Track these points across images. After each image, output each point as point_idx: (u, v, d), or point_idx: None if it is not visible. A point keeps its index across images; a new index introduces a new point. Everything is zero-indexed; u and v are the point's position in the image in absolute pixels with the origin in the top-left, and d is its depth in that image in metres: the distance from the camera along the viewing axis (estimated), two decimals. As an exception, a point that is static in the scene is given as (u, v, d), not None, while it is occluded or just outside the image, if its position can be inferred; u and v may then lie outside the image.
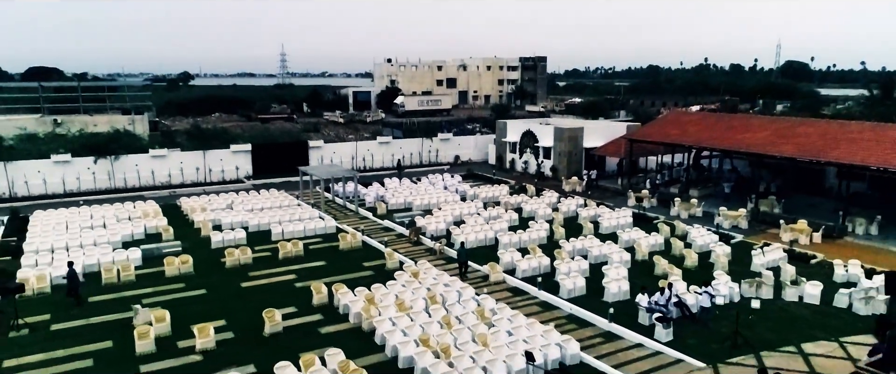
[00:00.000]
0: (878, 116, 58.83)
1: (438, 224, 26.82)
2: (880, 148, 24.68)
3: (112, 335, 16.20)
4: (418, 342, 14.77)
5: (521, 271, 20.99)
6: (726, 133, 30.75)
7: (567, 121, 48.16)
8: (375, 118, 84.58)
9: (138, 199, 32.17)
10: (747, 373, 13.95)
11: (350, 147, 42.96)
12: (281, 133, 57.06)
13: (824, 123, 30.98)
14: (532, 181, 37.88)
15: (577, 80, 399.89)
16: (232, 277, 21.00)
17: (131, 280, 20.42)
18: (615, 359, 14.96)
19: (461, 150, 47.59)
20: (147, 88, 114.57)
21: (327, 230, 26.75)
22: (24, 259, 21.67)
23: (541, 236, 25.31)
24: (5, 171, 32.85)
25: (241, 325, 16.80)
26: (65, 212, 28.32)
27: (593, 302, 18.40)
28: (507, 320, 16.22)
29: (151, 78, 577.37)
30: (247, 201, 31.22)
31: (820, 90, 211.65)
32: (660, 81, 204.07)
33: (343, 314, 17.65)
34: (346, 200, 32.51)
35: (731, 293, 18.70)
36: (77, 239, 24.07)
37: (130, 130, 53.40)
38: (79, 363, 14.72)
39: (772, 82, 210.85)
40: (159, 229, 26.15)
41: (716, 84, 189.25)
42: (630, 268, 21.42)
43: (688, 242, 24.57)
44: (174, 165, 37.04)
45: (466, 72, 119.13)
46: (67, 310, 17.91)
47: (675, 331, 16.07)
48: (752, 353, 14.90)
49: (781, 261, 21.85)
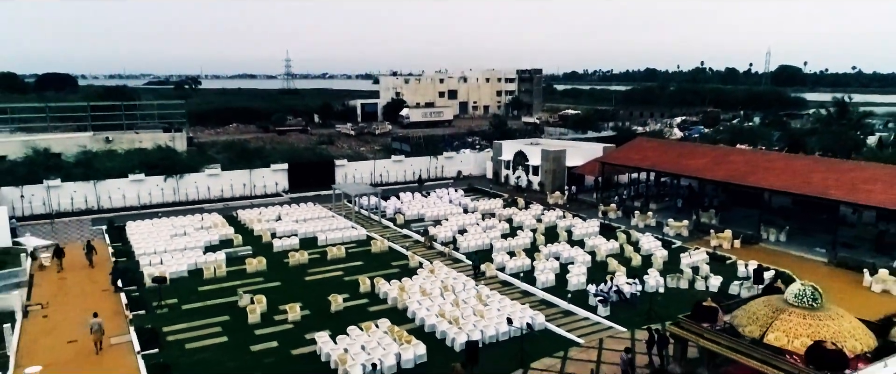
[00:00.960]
0: (832, 134, 66.41)
1: (446, 232, 34.31)
2: (786, 175, 32.19)
3: (227, 312, 23.68)
4: (437, 315, 22.26)
5: (509, 268, 28.45)
6: (676, 159, 38.25)
7: (553, 142, 55.37)
8: (383, 130, 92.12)
9: (199, 211, 39.66)
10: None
11: (369, 165, 50.45)
12: (305, 149, 64.15)
13: (750, 153, 38.53)
14: (522, 195, 45.33)
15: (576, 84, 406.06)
16: (296, 273, 28.47)
17: (224, 276, 27.89)
18: (569, 327, 22.44)
19: (463, 165, 55.01)
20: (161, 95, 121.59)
21: (359, 238, 34.24)
22: (141, 260, 29.15)
23: (525, 242, 32.79)
24: (94, 188, 40.32)
25: (313, 306, 24.23)
26: (149, 222, 35.80)
27: (559, 290, 25.88)
28: (497, 301, 23.73)
29: (154, 79, 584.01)
30: (291, 212, 38.68)
31: (807, 96, 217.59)
32: (653, 90, 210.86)
33: (382, 298, 25.13)
34: (370, 211, 39.98)
35: (657, 284, 26.19)
36: (171, 244, 31.54)
37: (171, 145, 60.96)
38: (212, 330, 22.19)
39: (759, 91, 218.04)
40: (230, 237, 33.65)
41: (705, 92, 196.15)
42: (589, 267, 28.88)
43: (638, 247, 32.06)
44: (226, 181, 44.52)
45: (467, 84, 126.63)
46: (188, 295, 25.40)
47: (611, 309, 23.56)
48: (659, 323, 22.36)
49: (703, 261, 29.32)
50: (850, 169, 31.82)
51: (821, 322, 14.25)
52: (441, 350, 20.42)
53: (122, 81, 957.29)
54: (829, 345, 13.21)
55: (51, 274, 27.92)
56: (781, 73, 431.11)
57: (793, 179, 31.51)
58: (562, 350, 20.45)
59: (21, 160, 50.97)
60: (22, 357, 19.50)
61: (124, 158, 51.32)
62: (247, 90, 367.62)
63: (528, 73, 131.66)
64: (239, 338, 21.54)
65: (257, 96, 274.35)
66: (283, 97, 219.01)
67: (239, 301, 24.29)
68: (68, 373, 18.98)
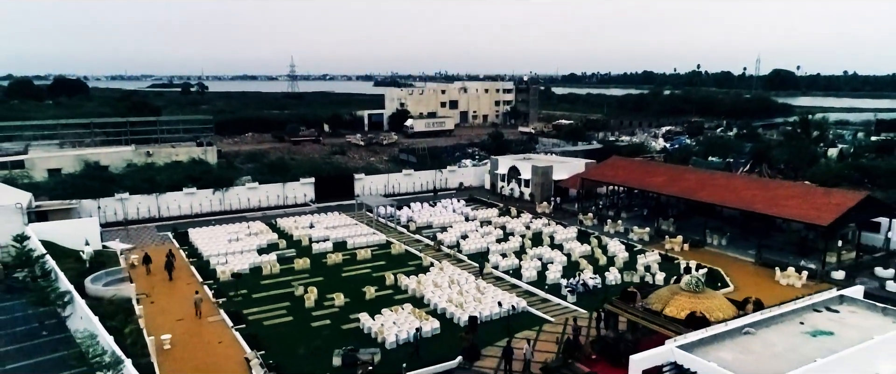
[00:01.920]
0: (793, 147, 73.99)
1: (451, 238, 41.98)
2: (724, 191, 39.89)
3: (287, 300, 31.36)
4: (447, 301, 29.95)
5: (501, 267, 36.13)
6: (641, 176, 45.95)
7: (542, 157, 62.89)
8: (390, 141, 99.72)
9: (242, 219, 47.34)
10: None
11: (383, 178, 58.15)
12: (325, 163, 71.71)
13: (701, 172, 46.22)
14: (515, 204, 53.02)
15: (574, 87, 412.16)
16: (334, 271, 36.16)
17: (278, 272, 35.57)
18: (545, 310, 30.14)
19: (464, 177, 62.70)
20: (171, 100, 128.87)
21: (380, 242, 41.90)
22: (211, 260, 36.83)
23: (515, 246, 40.47)
24: (156, 200, 48.04)
25: (351, 295, 31.86)
26: (207, 229, 43.48)
27: (540, 284, 33.57)
28: (491, 291, 31.44)
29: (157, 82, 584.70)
30: (321, 221, 46.36)
31: (799, 101, 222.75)
32: (646, 97, 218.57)
33: (404, 289, 32.80)
34: (386, 219, 47.66)
35: (616, 279, 33.87)
36: (230, 247, 39.20)
37: (203, 158, 68.72)
38: (280, 312, 29.87)
39: (748, 98, 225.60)
40: (275, 241, 41.34)
41: (696, 100, 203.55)
42: (564, 265, 36.57)
43: (606, 249, 39.74)
44: (262, 193, 52.22)
45: (467, 94, 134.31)
46: (254, 287, 33.05)
47: (578, 298, 31.25)
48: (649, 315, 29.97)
49: (655, 262, 36.99)
50: (776, 187, 39.56)
51: (699, 301, 21.94)
52: (449, 326, 28.08)
53: (124, 82, 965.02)
54: (698, 314, 20.92)
55: (141, 272, 35.58)
56: (775, 77, 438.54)
57: (729, 194, 39.23)
58: (538, 325, 28.17)
59: (78, 173, 58.82)
60: (149, 330, 27.17)
61: (167, 171, 59.16)
62: (252, 94, 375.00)
63: (524, 83, 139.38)
64: (300, 317, 29.21)
65: (263, 101, 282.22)
66: (288, 102, 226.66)
67: (295, 291, 31.99)
68: (187, 339, 26.68)
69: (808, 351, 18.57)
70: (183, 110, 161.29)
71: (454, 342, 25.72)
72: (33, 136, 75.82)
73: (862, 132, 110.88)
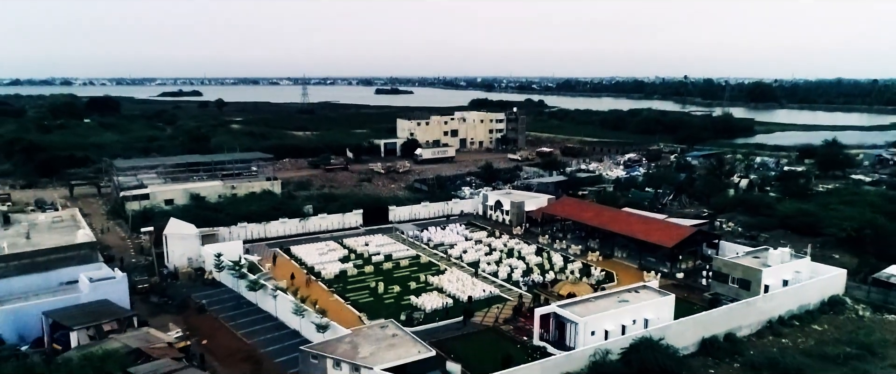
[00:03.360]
0: (706, 181, 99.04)
1: (456, 252, 67.15)
2: (624, 224, 65.09)
3: (366, 290, 56.59)
4: (456, 289, 55.27)
5: (486, 270, 61.33)
6: (578, 212, 71.20)
7: (518, 193, 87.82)
8: (405, 169, 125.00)
9: (317, 240, 72.37)
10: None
11: (408, 209, 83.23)
12: (365, 196, 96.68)
13: (612, 210, 71.38)
14: (499, 227, 78.14)
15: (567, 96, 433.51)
16: (388, 273, 61.29)
17: (356, 274, 60.74)
18: (508, 293, 55.44)
19: (464, 206, 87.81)
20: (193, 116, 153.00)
21: (412, 255, 67.02)
22: (315, 266, 61.97)
23: (496, 257, 65.67)
24: (263, 227, 73.14)
25: (401, 287, 56.94)
26: (302, 247, 68.57)
27: (508, 280, 58.79)
28: (480, 284, 56.81)
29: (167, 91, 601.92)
30: (372, 241, 71.45)
31: (766, 119, 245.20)
32: (624, 117, 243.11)
33: (431, 284, 58.00)
34: (413, 239, 72.75)
35: (551, 277, 59.09)
36: (322, 259, 64.25)
37: (271, 190, 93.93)
38: (364, 295, 55.11)
39: (716, 118, 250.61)
40: (347, 255, 66.47)
41: (667, 121, 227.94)
42: (524, 269, 61.72)
43: (551, 260, 64.91)
44: (328, 220, 77.31)
45: (465, 123, 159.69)
46: (346, 282, 58.20)
47: (529, 288, 56.51)
48: (549, 298, 55.25)
49: (578, 267, 62.18)
50: (651, 220, 64.96)
51: (575, 286, 47.24)
52: (458, 302, 53.19)
53: (129, 87, 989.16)
54: (571, 293, 46.24)
55: (270, 270, 60.56)
56: (755, 89, 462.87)
57: (624, 225, 64.53)
58: (504, 302, 53.39)
59: (190, 206, 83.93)
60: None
61: (248, 202, 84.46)
62: (265, 107, 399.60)
63: (513, 114, 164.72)
64: (376, 298, 54.41)
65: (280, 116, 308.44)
66: (304, 121, 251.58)
67: (370, 285, 57.18)
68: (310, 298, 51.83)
69: (611, 307, 43.82)
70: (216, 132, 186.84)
71: (459, 310, 50.90)
72: (144, 168, 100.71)
73: (785, 159, 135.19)
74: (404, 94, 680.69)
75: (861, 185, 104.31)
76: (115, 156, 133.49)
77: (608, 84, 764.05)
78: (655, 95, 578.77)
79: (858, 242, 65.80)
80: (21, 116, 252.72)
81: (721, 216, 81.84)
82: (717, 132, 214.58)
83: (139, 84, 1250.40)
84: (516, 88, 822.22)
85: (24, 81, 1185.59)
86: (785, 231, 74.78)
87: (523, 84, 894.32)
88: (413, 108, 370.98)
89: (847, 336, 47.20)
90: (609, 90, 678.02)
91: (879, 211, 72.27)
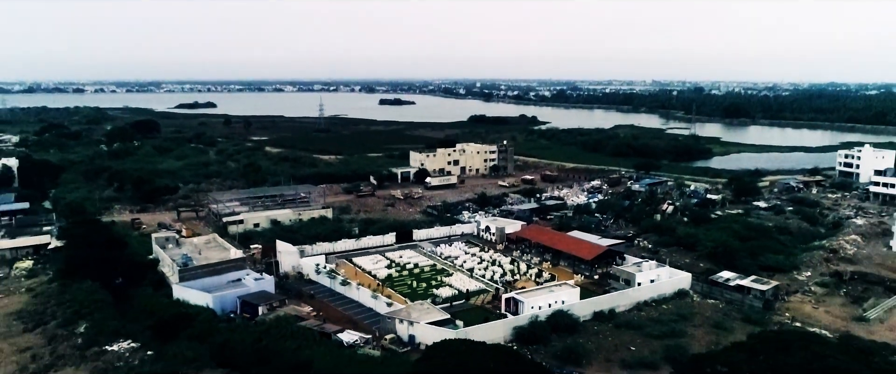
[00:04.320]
0: (637, 208, 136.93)
1: (460, 263, 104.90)
2: (565, 243, 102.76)
3: (408, 287, 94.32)
4: (460, 284, 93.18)
5: (476, 273, 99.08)
6: (539, 235, 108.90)
7: (501, 220, 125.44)
8: (418, 195, 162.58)
9: (367, 253, 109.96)
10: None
11: (425, 231, 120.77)
12: (394, 220, 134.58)
13: (562, 234, 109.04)
14: (488, 244, 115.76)
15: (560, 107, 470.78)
16: (418, 276, 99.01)
17: (403, 276, 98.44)
18: (490, 288, 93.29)
19: (463, 228, 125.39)
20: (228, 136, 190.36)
21: (432, 264, 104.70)
22: (373, 272, 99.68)
23: (484, 265, 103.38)
24: (331, 244, 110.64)
25: (428, 284, 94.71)
26: (359, 258, 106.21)
27: (490, 279, 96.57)
28: (474, 282, 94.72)
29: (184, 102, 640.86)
30: (404, 254, 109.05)
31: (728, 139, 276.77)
32: (602, 140, 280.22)
33: (443, 282, 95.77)
34: (430, 253, 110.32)
35: (519, 279, 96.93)
36: (375, 266, 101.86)
37: (326, 215, 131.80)
38: (406, 289, 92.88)
39: (679, 141, 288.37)
40: (390, 263, 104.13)
41: (638, 145, 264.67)
42: (501, 273, 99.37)
43: (519, 267, 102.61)
44: (375, 240, 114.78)
45: (465, 154, 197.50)
46: (396, 281, 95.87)
47: (504, 285, 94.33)
48: (512, 290, 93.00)
49: (535, 272, 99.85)
50: (582, 241, 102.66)
51: (526, 283, 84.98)
52: (461, 293, 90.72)
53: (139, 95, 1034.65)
54: (523, 286, 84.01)
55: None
56: (730, 106, 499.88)
57: (564, 245, 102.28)
58: (487, 291, 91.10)
59: (274, 229, 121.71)
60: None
61: (313, 225, 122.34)
62: (284, 124, 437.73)
63: (503, 147, 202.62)
64: (412, 290, 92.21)
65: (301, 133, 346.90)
66: (325, 143, 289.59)
67: (407, 282, 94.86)
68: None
69: (544, 293, 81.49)
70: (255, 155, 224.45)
71: (462, 296, 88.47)
72: (230, 198, 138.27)
73: (710, 187, 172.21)
74: (407, 104, 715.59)
75: (757, 211, 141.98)
76: (187, 182, 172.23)
77: (600, 95, 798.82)
78: (642, 108, 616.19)
79: (716, 255, 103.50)
80: (78, 138, 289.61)
81: (640, 237, 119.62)
82: (678, 155, 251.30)
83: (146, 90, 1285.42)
84: (514, 97, 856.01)
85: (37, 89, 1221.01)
86: (678, 248, 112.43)
87: (521, 92, 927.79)
88: (417, 124, 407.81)
89: (678, 312, 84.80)
90: (601, 102, 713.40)
91: (735, 235, 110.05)
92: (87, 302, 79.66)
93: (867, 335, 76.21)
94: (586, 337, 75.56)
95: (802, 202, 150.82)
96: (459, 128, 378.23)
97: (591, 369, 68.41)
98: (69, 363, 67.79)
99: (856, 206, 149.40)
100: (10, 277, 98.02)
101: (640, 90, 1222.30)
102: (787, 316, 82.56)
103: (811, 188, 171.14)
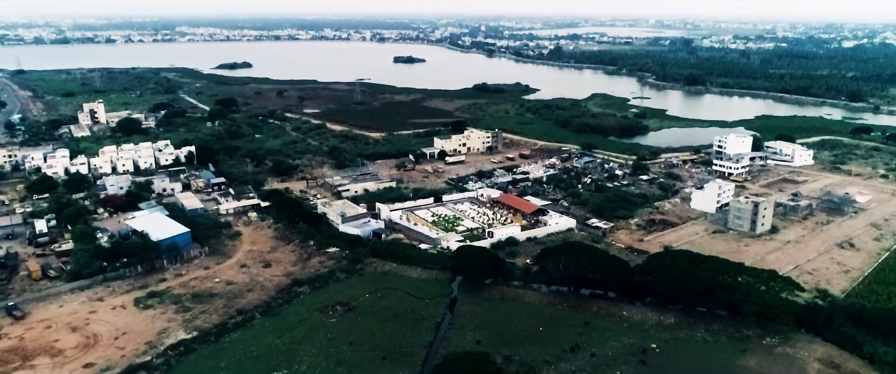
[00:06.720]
0: (566, 180, 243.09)
1: (468, 214, 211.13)
2: (520, 205, 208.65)
3: (443, 226, 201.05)
4: (466, 228, 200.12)
5: (477, 221, 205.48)
6: (508, 199, 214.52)
7: (488, 190, 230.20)
8: (442, 170, 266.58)
9: (421, 209, 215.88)
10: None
11: (449, 195, 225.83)
12: (432, 188, 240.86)
13: (519, 198, 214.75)
14: (484, 205, 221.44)
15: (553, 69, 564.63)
16: (449, 220, 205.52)
17: (439, 221, 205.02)
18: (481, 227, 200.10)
19: (470, 194, 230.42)
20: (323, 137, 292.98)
21: (453, 215, 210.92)
22: (429, 219, 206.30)
23: (480, 216, 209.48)
24: (404, 204, 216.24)
25: (452, 225, 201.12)
26: (418, 212, 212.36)
27: (483, 224, 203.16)
28: (474, 224, 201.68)
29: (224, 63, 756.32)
30: (440, 209, 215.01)
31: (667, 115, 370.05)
32: (569, 119, 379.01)
33: (461, 224, 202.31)
34: (453, 210, 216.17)
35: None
36: (427, 215, 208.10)
37: (393, 186, 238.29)
38: (445, 228, 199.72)
39: (625, 121, 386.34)
40: (433, 215, 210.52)
41: (594, 124, 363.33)
42: (487, 221, 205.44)
43: (499, 217, 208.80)
44: (422, 201, 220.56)
45: (470, 138, 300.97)
46: (438, 224, 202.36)
47: (487, 226, 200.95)
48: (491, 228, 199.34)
49: (508, 221, 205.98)
50: (529, 202, 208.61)
51: (501, 227, 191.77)
52: (469, 229, 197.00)
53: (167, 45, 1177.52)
54: (497, 227, 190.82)
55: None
56: (689, 75, 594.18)
57: (519, 205, 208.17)
58: (479, 229, 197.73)
59: (368, 194, 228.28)
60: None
61: (388, 192, 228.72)
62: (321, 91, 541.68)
63: (495, 133, 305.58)
64: (446, 229, 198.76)
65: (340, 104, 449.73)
66: (357, 110, 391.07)
67: (445, 224, 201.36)
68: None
69: (505, 230, 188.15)
70: (323, 136, 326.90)
71: (469, 233, 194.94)
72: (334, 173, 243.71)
73: (618, 163, 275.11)
74: (419, 63, 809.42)
75: (639, 182, 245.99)
76: (293, 159, 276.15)
77: (590, 54, 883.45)
78: (624, 70, 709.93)
79: (595, 211, 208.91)
80: (183, 115, 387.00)
81: (561, 200, 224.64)
82: (622, 132, 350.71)
83: (169, 40, 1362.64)
84: (513, 53, 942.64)
85: (71, 40, 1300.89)
86: (580, 206, 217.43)
87: (522, 44, 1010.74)
88: (431, 92, 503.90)
89: (564, 237, 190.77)
90: (591, 61, 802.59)
91: (606, 200, 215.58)
92: (303, 230, 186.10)
93: (643, 247, 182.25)
94: (521, 248, 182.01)
95: (671, 176, 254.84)
96: (465, 97, 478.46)
97: (520, 258, 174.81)
98: (314, 255, 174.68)
99: (703, 180, 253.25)
100: (253, 220, 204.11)
101: (635, 38, 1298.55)
102: (610, 239, 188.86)
103: (686, 165, 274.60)
